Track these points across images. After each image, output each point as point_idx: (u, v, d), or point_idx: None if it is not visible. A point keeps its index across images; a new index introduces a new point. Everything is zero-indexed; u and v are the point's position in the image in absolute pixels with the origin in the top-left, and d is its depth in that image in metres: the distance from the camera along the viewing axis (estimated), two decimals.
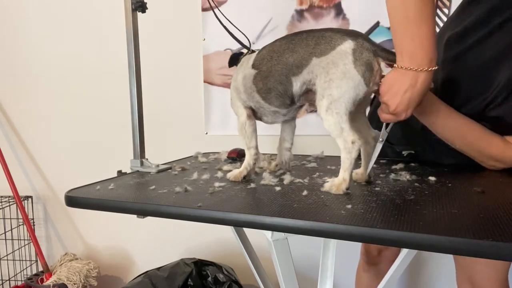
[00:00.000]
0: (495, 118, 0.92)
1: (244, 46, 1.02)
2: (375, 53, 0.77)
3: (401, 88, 0.77)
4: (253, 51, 0.97)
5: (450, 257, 1.14)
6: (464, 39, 0.95)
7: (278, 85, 0.86)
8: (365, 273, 1.38)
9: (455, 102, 0.94)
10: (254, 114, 0.96)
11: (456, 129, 0.93)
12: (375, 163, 1.10)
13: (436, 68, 0.76)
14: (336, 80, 0.77)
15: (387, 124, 0.87)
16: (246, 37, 1.02)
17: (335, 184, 0.79)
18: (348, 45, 0.77)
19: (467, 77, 0.95)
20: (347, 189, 0.79)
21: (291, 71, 0.84)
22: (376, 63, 0.77)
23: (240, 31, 1.04)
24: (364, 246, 1.38)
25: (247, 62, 0.94)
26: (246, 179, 0.94)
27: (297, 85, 0.84)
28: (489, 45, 0.91)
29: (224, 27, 1.04)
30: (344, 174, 0.79)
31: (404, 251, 0.92)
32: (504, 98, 0.89)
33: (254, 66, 0.90)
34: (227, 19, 1.07)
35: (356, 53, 0.76)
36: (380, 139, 0.88)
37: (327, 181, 0.82)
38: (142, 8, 1.10)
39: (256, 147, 0.95)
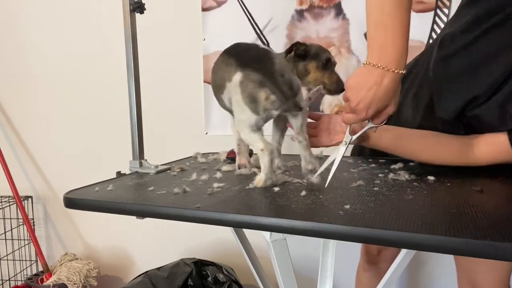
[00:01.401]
0: (473, 118, 0.92)
1: (262, 41, 1.05)
2: (262, 84, 0.80)
3: (366, 84, 0.76)
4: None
5: (450, 258, 1.14)
6: (454, 41, 0.95)
7: (218, 98, 0.95)
8: (365, 273, 1.38)
9: (442, 103, 0.96)
10: None
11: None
12: (374, 162, 1.10)
13: (404, 72, 0.76)
14: (234, 105, 0.86)
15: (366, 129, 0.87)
16: (263, 34, 1.06)
17: (257, 179, 0.87)
18: (237, 77, 0.83)
19: (453, 78, 0.95)
20: (267, 183, 0.85)
21: (219, 90, 0.91)
22: (263, 93, 0.81)
23: (257, 26, 1.08)
24: (364, 246, 1.38)
25: None
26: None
27: (226, 102, 0.92)
28: (475, 49, 0.90)
29: (247, 16, 1.07)
30: (262, 174, 0.86)
31: (403, 251, 0.92)
32: (485, 99, 0.89)
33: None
34: (248, 11, 1.09)
35: (243, 85, 0.82)
36: (344, 142, 0.87)
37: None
38: (140, 9, 1.10)
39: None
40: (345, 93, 0.81)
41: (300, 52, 1.00)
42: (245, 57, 0.85)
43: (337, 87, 1.01)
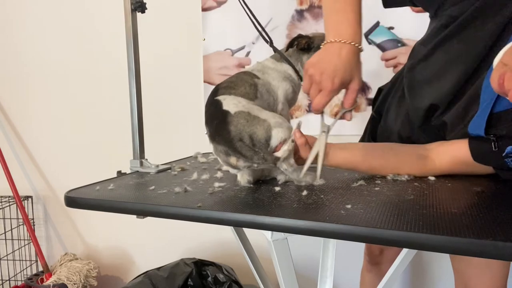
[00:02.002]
0: (439, 126, 0.95)
1: (264, 39, 1.05)
2: (227, 153, 0.85)
3: (326, 58, 0.79)
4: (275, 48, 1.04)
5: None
6: (418, 52, 1.00)
7: None
8: (368, 273, 1.38)
9: (410, 111, 1.01)
10: None
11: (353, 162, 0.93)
12: None
13: (361, 48, 0.80)
14: None
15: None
16: (265, 30, 1.05)
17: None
18: (211, 148, 0.89)
19: (417, 87, 1.00)
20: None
21: None
22: (232, 159, 0.85)
23: (260, 24, 1.08)
24: (366, 246, 1.37)
25: None
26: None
27: None
28: (433, 60, 0.95)
29: (249, 16, 1.08)
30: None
31: (404, 251, 0.92)
32: (445, 107, 0.93)
33: None
34: (250, 10, 1.10)
35: (217, 154, 0.88)
36: (322, 132, 0.87)
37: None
38: (142, 8, 1.10)
39: None
40: (307, 73, 0.81)
41: (303, 46, 1.00)
42: (212, 126, 0.89)
43: None
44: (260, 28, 1.07)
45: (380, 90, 1.22)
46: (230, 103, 0.88)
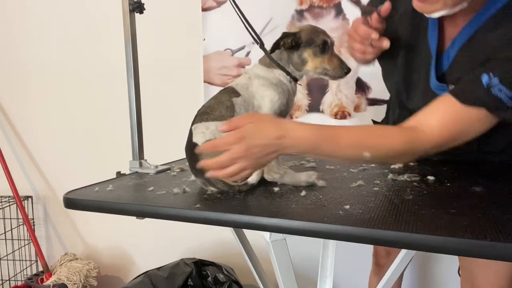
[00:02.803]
0: (415, 109, 0.89)
1: (255, 40, 1.03)
2: (205, 184, 0.88)
3: None
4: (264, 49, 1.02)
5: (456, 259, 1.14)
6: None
7: None
8: (375, 276, 1.37)
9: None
10: None
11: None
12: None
13: None
14: None
15: None
16: (255, 32, 1.05)
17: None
18: None
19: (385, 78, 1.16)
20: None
21: None
22: (211, 189, 0.87)
23: (251, 26, 1.07)
24: (374, 248, 1.36)
25: None
26: None
27: None
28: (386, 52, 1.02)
29: (240, 17, 1.06)
30: None
31: (403, 252, 0.92)
32: (413, 93, 1.00)
33: None
34: (241, 12, 1.09)
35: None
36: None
37: None
38: (140, 9, 1.10)
39: None
40: None
41: (289, 45, 0.95)
42: (187, 158, 0.95)
43: (341, 71, 0.94)
44: (251, 30, 1.05)
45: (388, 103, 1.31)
46: (198, 133, 0.91)
